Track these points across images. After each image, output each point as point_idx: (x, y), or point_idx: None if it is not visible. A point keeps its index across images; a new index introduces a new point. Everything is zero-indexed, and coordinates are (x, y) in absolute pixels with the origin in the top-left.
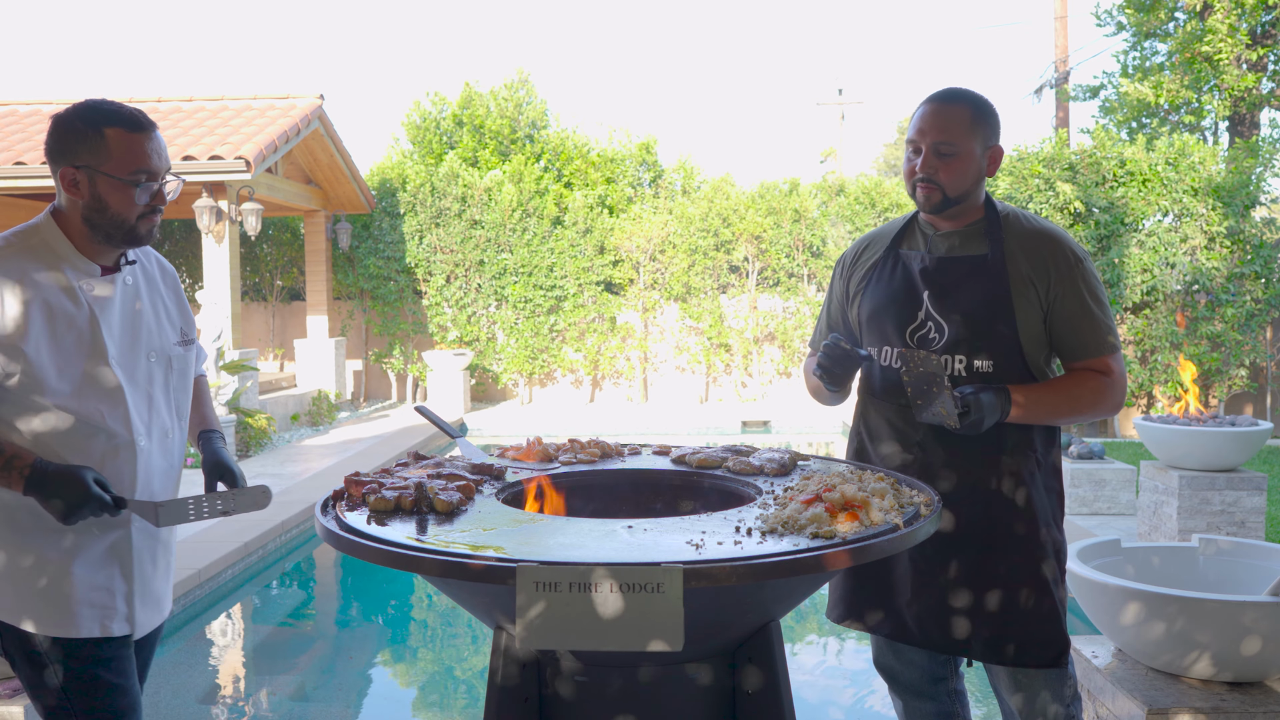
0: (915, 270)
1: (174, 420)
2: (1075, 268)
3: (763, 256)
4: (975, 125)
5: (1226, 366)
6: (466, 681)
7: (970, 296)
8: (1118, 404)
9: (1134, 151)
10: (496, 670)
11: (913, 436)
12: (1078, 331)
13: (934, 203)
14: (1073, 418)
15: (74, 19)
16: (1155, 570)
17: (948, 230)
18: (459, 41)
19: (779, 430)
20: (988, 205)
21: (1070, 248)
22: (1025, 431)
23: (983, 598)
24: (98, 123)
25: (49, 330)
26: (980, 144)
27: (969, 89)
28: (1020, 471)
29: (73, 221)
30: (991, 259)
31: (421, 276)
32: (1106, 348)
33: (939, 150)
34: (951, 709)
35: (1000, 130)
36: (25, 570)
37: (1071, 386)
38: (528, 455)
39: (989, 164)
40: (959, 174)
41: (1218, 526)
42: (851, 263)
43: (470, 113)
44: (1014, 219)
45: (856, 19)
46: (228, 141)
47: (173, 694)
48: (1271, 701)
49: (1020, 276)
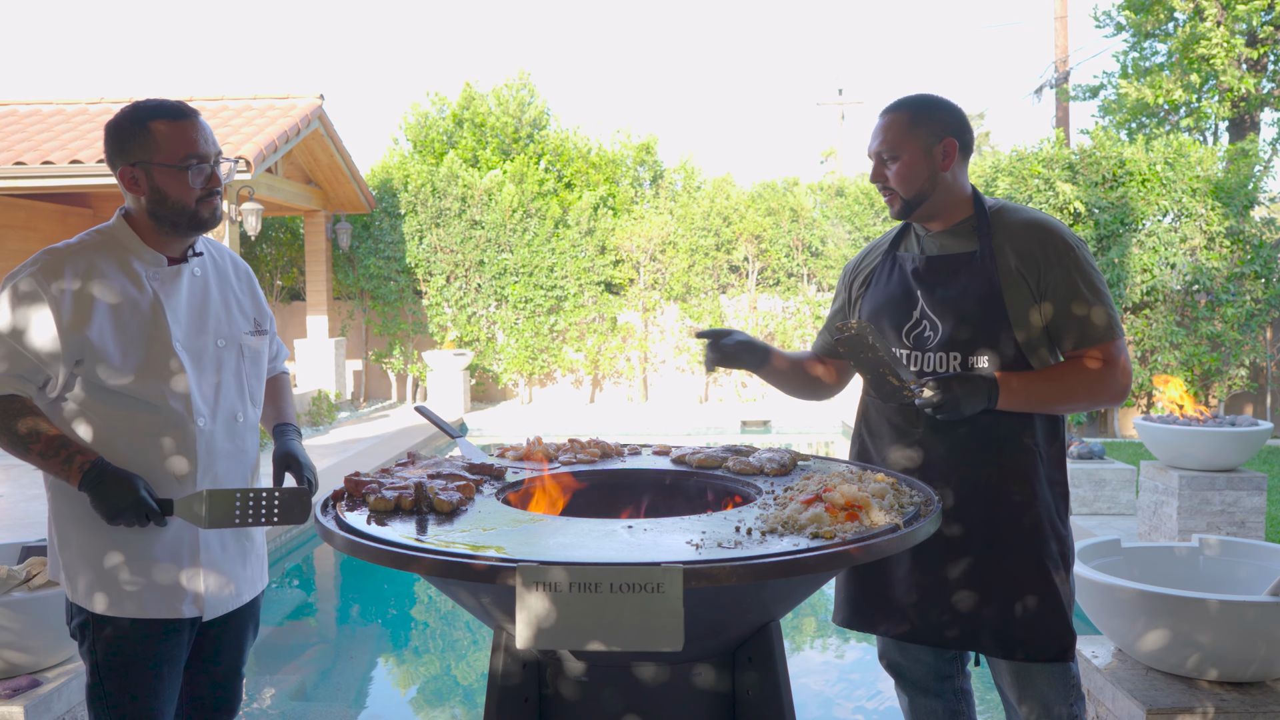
0: (909, 271)
1: (244, 405)
2: (1065, 255)
3: (763, 256)
4: (914, 127)
5: (1226, 366)
6: (466, 681)
7: (962, 294)
8: (1118, 393)
9: (1133, 151)
10: (496, 670)
11: (913, 434)
12: (1072, 320)
13: (896, 208)
14: (1069, 406)
15: (74, 19)
16: (1155, 570)
17: (938, 230)
18: (459, 42)
19: (779, 430)
20: (976, 202)
21: (1060, 236)
22: (1026, 427)
23: (987, 594)
24: (142, 119)
25: (113, 316)
26: (924, 143)
27: (918, 94)
28: (1022, 467)
29: (140, 219)
30: (980, 255)
31: (421, 276)
32: (1104, 335)
33: (884, 158)
34: (957, 707)
35: (953, 124)
36: (98, 551)
37: (1066, 374)
38: (528, 455)
39: (943, 159)
40: (905, 177)
41: (1218, 526)
42: (854, 270)
43: (471, 112)
44: (1003, 213)
45: (856, 19)
46: (228, 141)
47: None
48: (1272, 702)
49: (1010, 270)
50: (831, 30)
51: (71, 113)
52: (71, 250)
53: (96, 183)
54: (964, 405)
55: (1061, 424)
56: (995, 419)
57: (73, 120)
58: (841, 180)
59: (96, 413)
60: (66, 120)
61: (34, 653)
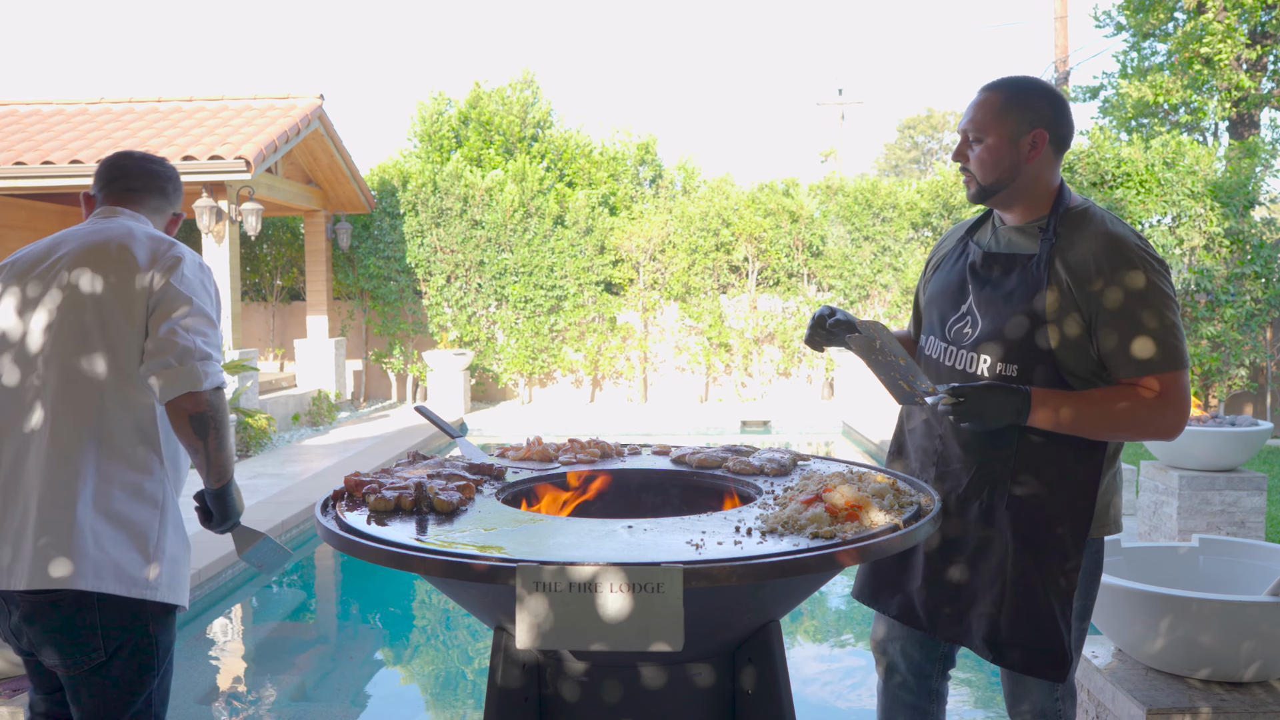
0: (969, 263)
1: None
2: (1129, 272)
3: (762, 256)
4: (1005, 111)
5: (1226, 366)
6: (466, 682)
7: (1007, 296)
8: (1170, 429)
9: (1131, 152)
10: (496, 670)
11: (935, 428)
12: (1125, 344)
13: (971, 190)
14: (1112, 435)
15: (74, 19)
16: (1155, 570)
17: (1012, 224)
18: (460, 41)
19: (779, 430)
20: (1056, 201)
21: (1129, 252)
22: (1050, 441)
23: (984, 597)
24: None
25: None
26: (1011, 130)
27: (1021, 76)
28: (1035, 481)
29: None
30: (1036, 259)
31: (422, 276)
32: (1161, 365)
33: (969, 138)
34: (929, 707)
35: (1049, 113)
36: (179, 543)
37: (1110, 400)
38: (528, 455)
39: (1030, 150)
40: (985, 162)
41: (1218, 526)
42: (937, 249)
43: (478, 111)
44: (1081, 217)
45: (856, 19)
46: (228, 141)
47: (173, 694)
48: (1272, 702)
49: (1060, 280)
50: (831, 30)
51: (71, 113)
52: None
53: None
54: (988, 418)
55: (1101, 447)
56: (1022, 430)
57: (73, 120)
58: (840, 180)
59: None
60: (66, 120)
61: None
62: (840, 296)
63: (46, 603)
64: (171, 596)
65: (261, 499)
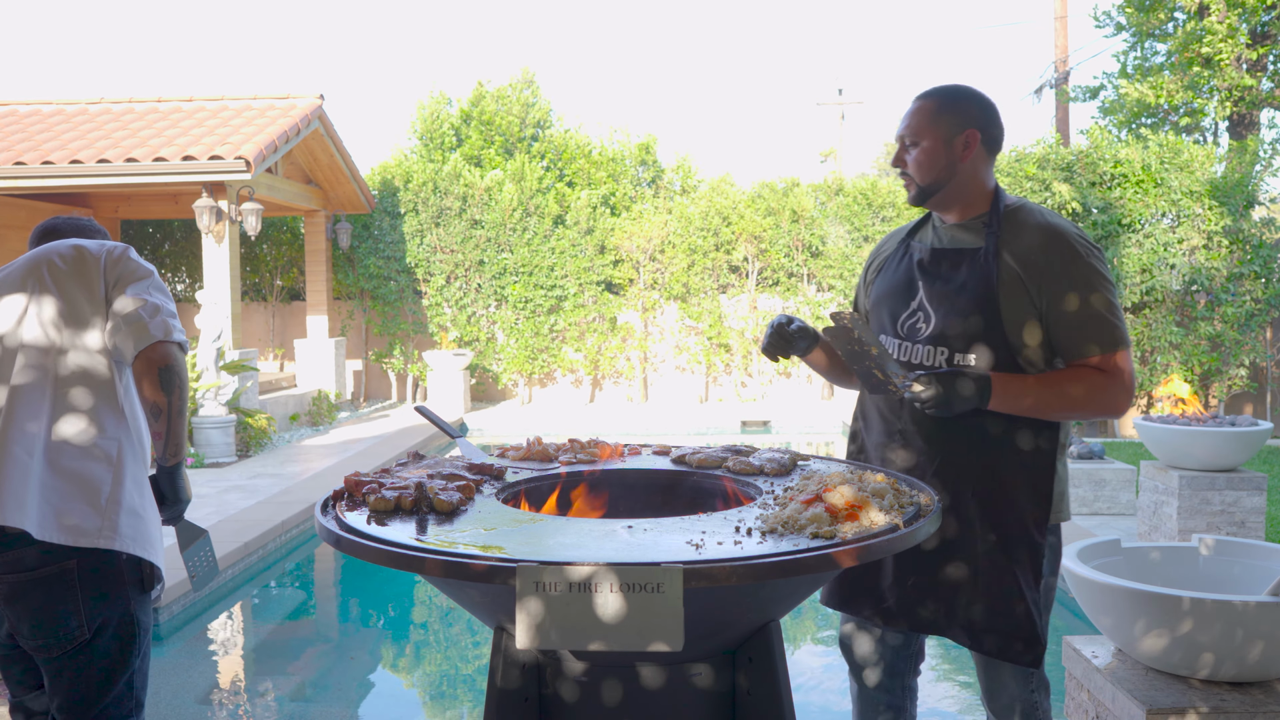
0: (915, 261)
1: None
2: (1073, 261)
3: (762, 256)
4: (940, 115)
5: (1226, 366)
6: (467, 682)
7: (959, 289)
8: (1120, 406)
9: (1130, 152)
10: (496, 670)
11: (895, 424)
12: (1073, 327)
13: (911, 193)
14: (1067, 414)
15: (74, 19)
16: (1155, 570)
17: (952, 223)
18: (460, 42)
19: (779, 430)
20: (995, 198)
21: (1070, 242)
22: (1010, 429)
23: (957, 588)
24: None
25: None
26: (945, 132)
27: (952, 84)
28: (1000, 469)
29: None
30: (984, 252)
31: (421, 276)
32: (1108, 344)
33: (906, 143)
34: (902, 703)
35: (979, 116)
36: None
37: (1065, 381)
38: (528, 455)
39: (963, 150)
40: (922, 163)
41: (1218, 526)
42: (875, 254)
43: (480, 110)
44: (1019, 213)
45: (856, 19)
46: (228, 141)
47: (173, 694)
48: (1272, 702)
49: (1010, 270)
50: (831, 30)
51: (71, 113)
52: None
53: (96, 183)
54: (955, 402)
55: (1057, 432)
56: (981, 419)
57: (73, 120)
58: (840, 180)
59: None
60: (66, 120)
61: None
62: (840, 296)
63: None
64: (134, 548)
65: (261, 499)
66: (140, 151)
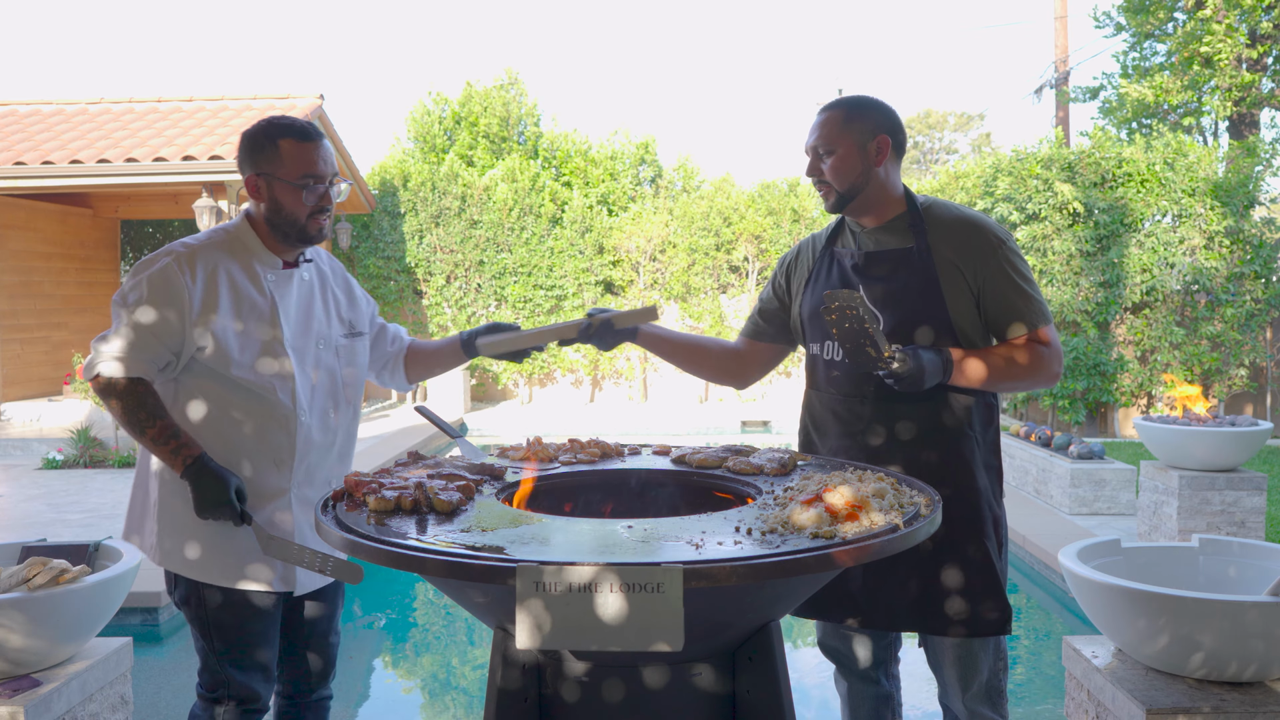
0: (848, 266)
1: (333, 403)
2: (998, 250)
3: (763, 256)
4: (849, 123)
5: (1226, 366)
6: (467, 682)
7: (902, 287)
8: (1055, 374)
9: (1132, 152)
10: (496, 671)
11: (855, 425)
12: (1010, 309)
13: (830, 201)
14: (1012, 383)
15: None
16: (1155, 570)
17: (872, 226)
18: (460, 42)
19: (779, 430)
20: (908, 199)
21: (992, 231)
22: (962, 412)
23: (933, 576)
24: (273, 135)
25: (234, 312)
26: (858, 138)
27: (854, 94)
28: (960, 451)
29: (259, 223)
30: (917, 250)
31: (421, 276)
32: (1039, 320)
33: (819, 153)
34: (889, 691)
35: (886, 122)
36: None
37: (1009, 352)
38: (528, 455)
39: (876, 155)
40: (840, 170)
41: (1218, 526)
42: (793, 262)
43: (467, 110)
44: (935, 209)
45: (856, 19)
46: (228, 141)
47: (173, 694)
48: (1272, 702)
49: (946, 263)
50: (831, 30)
51: (71, 113)
52: (203, 246)
53: (96, 182)
54: (926, 377)
55: (995, 411)
56: (936, 408)
57: (73, 120)
58: None
59: (210, 396)
60: (66, 120)
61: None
62: None
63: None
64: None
65: None
66: (140, 151)
